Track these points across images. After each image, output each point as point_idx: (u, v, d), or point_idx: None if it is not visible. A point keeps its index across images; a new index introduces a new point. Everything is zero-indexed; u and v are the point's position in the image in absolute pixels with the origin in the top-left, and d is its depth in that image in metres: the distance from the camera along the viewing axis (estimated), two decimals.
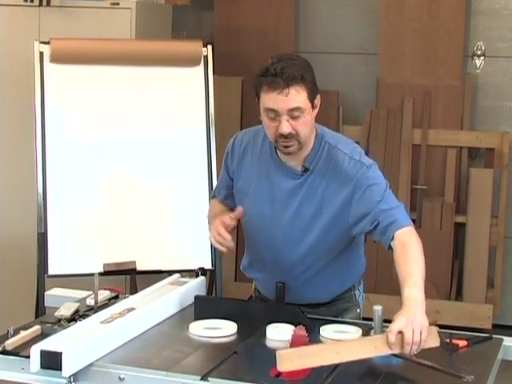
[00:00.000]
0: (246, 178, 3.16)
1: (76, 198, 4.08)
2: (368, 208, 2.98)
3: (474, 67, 6.19)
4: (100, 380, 2.65)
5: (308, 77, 2.92)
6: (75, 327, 2.85)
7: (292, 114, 2.90)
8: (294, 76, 2.87)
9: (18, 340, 2.80)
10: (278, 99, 2.89)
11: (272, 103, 2.91)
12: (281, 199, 3.08)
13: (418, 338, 2.63)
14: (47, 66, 4.09)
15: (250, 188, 3.15)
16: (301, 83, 2.89)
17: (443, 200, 6.04)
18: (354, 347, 2.63)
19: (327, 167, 3.03)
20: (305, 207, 3.05)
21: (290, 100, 2.89)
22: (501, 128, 6.09)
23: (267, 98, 2.92)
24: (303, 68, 2.93)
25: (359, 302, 3.33)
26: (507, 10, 6.07)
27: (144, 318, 2.98)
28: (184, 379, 2.56)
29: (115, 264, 4.00)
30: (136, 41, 4.40)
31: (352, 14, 6.34)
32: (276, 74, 2.87)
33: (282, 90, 2.88)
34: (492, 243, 5.97)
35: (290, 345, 2.70)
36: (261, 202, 3.13)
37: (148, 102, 4.17)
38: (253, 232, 3.22)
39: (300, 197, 3.06)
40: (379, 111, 6.16)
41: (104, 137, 4.13)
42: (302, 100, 2.90)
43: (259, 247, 3.20)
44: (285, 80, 2.87)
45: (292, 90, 2.88)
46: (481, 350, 2.89)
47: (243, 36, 6.30)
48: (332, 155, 3.04)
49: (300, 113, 2.91)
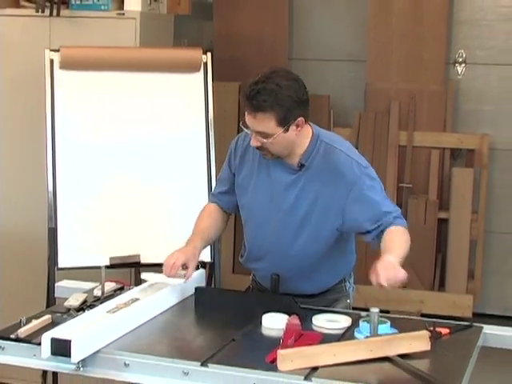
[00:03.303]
0: (247, 173, 3.17)
1: (84, 196, 4.07)
2: (367, 208, 2.99)
3: (456, 73, 6.20)
4: (106, 366, 2.65)
5: (281, 106, 2.88)
6: (83, 316, 2.85)
7: (260, 134, 2.94)
8: (262, 105, 2.87)
9: (30, 328, 2.80)
10: (249, 119, 2.95)
11: (246, 119, 2.96)
12: (278, 193, 3.08)
13: (392, 275, 2.75)
14: (57, 72, 4.09)
15: (250, 182, 3.15)
16: (268, 112, 2.88)
17: (427, 197, 6.04)
18: (351, 350, 2.61)
19: (324, 163, 3.03)
20: (301, 201, 3.05)
21: (257, 123, 2.92)
22: (481, 130, 6.09)
23: (245, 114, 2.96)
24: (282, 97, 2.87)
25: (349, 293, 3.33)
26: (486, 21, 6.08)
27: (147, 308, 2.98)
28: (185, 365, 2.56)
29: (120, 257, 4.00)
30: (140, 48, 4.39)
31: (342, 24, 6.34)
32: (249, 97, 2.89)
33: (250, 112, 2.91)
34: (473, 237, 5.98)
35: (284, 333, 2.70)
36: (260, 196, 3.13)
37: (151, 105, 4.17)
38: (251, 225, 3.22)
39: (297, 191, 3.05)
40: (367, 114, 6.16)
41: (109, 138, 4.12)
42: (269, 126, 2.91)
43: (257, 239, 3.20)
44: (254, 106, 2.89)
45: (259, 115, 2.90)
46: (462, 338, 2.89)
47: (241, 44, 6.29)
48: (329, 152, 3.04)
49: (266, 136, 2.93)
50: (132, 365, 2.62)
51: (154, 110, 4.17)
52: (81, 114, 4.11)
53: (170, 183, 4.14)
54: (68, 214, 4.04)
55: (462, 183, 5.98)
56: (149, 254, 4.02)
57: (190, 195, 4.13)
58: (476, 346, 2.84)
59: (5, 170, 4.70)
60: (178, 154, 4.17)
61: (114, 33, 4.46)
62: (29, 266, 4.62)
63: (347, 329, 2.89)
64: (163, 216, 4.12)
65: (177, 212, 4.11)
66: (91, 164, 4.10)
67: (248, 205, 3.18)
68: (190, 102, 4.20)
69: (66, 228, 4.02)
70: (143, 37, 4.46)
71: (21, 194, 4.65)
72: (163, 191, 4.14)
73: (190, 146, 4.18)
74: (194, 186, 4.14)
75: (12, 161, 4.68)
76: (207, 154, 4.17)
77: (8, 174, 4.70)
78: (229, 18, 6.38)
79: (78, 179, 4.07)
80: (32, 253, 4.57)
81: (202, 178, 4.13)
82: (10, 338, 2.75)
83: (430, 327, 2.82)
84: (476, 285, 6.00)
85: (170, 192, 4.13)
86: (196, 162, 4.18)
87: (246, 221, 3.24)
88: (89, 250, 4.01)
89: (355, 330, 2.84)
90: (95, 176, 4.10)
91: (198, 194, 4.09)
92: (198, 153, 4.17)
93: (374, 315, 2.75)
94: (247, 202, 3.18)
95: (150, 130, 4.16)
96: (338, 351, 2.60)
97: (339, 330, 2.88)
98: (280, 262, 3.13)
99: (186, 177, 4.16)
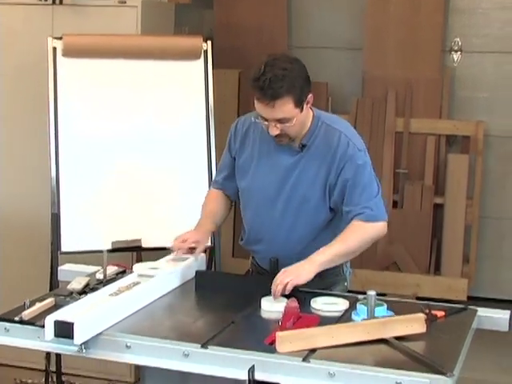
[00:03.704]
0: (248, 156, 3.16)
1: (86, 182, 4.07)
2: (350, 191, 3.01)
3: (452, 61, 6.19)
4: (108, 348, 2.65)
5: (295, 88, 2.88)
6: (86, 299, 2.85)
7: (279, 121, 2.91)
8: (280, 92, 2.84)
9: (33, 311, 2.80)
10: (266, 110, 2.90)
11: (261, 111, 2.92)
12: (280, 174, 3.08)
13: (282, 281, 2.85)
14: (60, 60, 4.08)
15: (251, 165, 3.15)
16: (286, 96, 2.86)
17: (423, 183, 6.04)
18: (348, 332, 2.61)
19: (323, 143, 3.04)
20: (302, 181, 3.06)
21: (276, 111, 2.88)
22: (476, 117, 6.09)
23: (258, 106, 2.92)
24: (292, 78, 2.87)
25: (346, 276, 3.33)
26: (481, 9, 6.07)
27: (149, 291, 2.98)
28: (185, 347, 2.56)
29: (122, 242, 4.00)
30: (141, 36, 4.38)
31: (340, 12, 6.33)
32: (263, 87, 2.84)
33: (268, 103, 2.87)
34: (467, 222, 5.98)
35: (283, 315, 2.70)
36: (261, 179, 3.13)
37: (151, 93, 4.16)
38: (251, 207, 3.21)
39: (298, 171, 3.06)
40: (365, 101, 6.16)
41: (111, 124, 4.12)
42: (288, 110, 2.89)
43: (257, 222, 3.20)
44: (271, 95, 2.85)
45: (278, 103, 2.86)
46: (457, 320, 2.89)
47: (240, 32, 6.28)
48: (328, 133, 3.05)
49: (287, 121, 2.91)
50: (133, 347, 2.62)
51: (154, 97, 4.16)
52: (83, 100, 4.11)
53: (170, 169, 4.14)
54: (71, 199, 4.04)
55: (458, 169, 5.98)
56: (150, 239, 4.02)
57: (191, 181, 4.13)
58: (470, 329, 2.85)
59: (8, 158, 4.70)
60: (179, 140, 4.17)
61: (115, 21, 4.46)
62: (33, 250, 4.62)
63: (345, 311, 2.89)
64: (164, 201, 4.12)
65: (177, 197, 4.12)
66: (93, 150, 4.10)
67: (248, 188, 3.18)
68: (191, 89, 4.20)
69: (68, 213, 4.03)
70: (144, 25, 4.46)
71: (25, 180, 4.65)
72: (164, 177, 4.14)
73: (190, 132, 4.18)
74: (194, 172, 4.15)
75: (15, 148, 4.68)
76: (207, 140, 4.17)
77: (12, 161, 4.70)
78: (229, 7, 6.37)
79: (81, 166, 4.07)
80: (36, 237, 4.58)
81: (202, 164, 4.13)
82: (14, 321, 2.75)
83: (426, 310, 2.82)
84: (471, 269, 6.01)
85: (170, 178, 4.13)
86: (196, 148, 4.17)
87: (246, 204, 3.24)
88: (91, 234, 4.01)
89: (352, 312, 2.84)
90: (97, 162, 4.10)
91: (198, 180, 4.10)
92: (198, 139, 4.17)
93: (371, 298, 2.76)
94: (247, 185, 3.18)
95: (150, 117, 4.15)
96: (336, 333, 2.60)
97: (337, 313, 2.88)
98: (279, 244, 3.13)
99: (187, 163, 4.16)
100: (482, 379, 4.81)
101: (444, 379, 2.38)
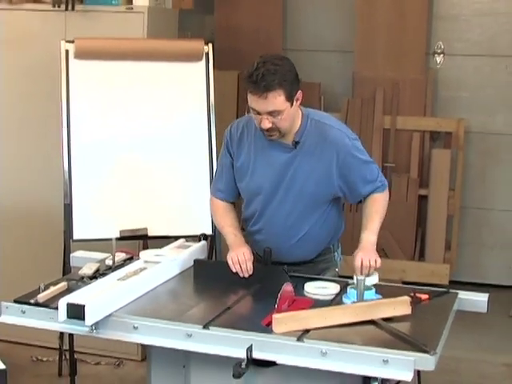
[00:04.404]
0: (245, 158, 3.14)
1: (96, 176, 4.07)
2: (360, 168, 3.08)
3: (435, 63, 6.18)
4: (117, 328, 2.66)
5: (286, 81, 2.87)
6: (96, 284, 2.86)
7: (271, 114, 2.90)
8: (272, 84, 2.84)
9: (47, 294, 2.81)
10: (258, 102, 2.88)
11: (254, 104, 2.90)
12: (276, 171, 3.07)
13: (372, 263, 2.92)
14: (72, 62, 4.06)
15: (249, 166, 3.13)
16: (278, 89, 2.85)
17: (409, 176, 6.04)
18: (339, 314, 2.61)
19: (317, 139, 3.03)
20: (298, 176, 3.05)
21: (268, 103, 2.87)
22: (457, 115, 6.08)
23: (251, 99, 2.90)
24: (283, 73, 2.87)
25: (337, 262, 3.33)
26: (463, 16, 6.07)
27: (154, 277, 2.98)
28: (188, 328, 2.57)
29: (130, 230, 3.99)
30: (147, 40, 4.37)
31: (332, 17, 6.31)
32: (257, 80, 2.83)
33: (261, 95, 2.85)
34: (450, 212, 5.98)
35: (278, 299, 2.70)
36: (259, 177, 3.11)
37: (157, 91, 4.15)
38: (251, 204, 3.21)
39: (293, 167, 3.05)
40: (355, 100, 6.15)
41: (119, 121, 4.11)
42: (279, 103, 2.88)
43: (257, 215, 3.19)
44: (264, 87, 2.83)
45: (270, 95, 2.85)
46: (440, 303, 2.90)
47: (239, 36, 6.27)
48: (320, 128, 3.05)
49: (278, 113, 2.90)
50: (140, 327, 2.62)
51: (160, 95, 4.15)
52: (93, 99, 4.09)
53: (174, 162, 4.13)
54: (82, 191, 4.03)
55: (441, 163, 5.97)
56: (155, 228, 4.02)
57: (193, 174, 4.13)
58: (452, 310, 2.85)
59: (25, 154, 4.70)
60: (182, 135, 4.16)
61: (123, 26, 4.45)
62: (47, 238, 4.62)
63: (336, 295, 2.90)
64: (168, 193, 4.11)
65: (181, 188, 4.11)
66: (103, 146, 4.09)
67: (247, 187, 3.17)
68: (193, 89, 4.19)
69: (80, 204, 4.02)
70: (150, 29, 4.45)
71: (41, 173, 4.66)
72: (168, 170, 4.13)
73: (193, 127, 4.17)
74: (196, 165, 4.14)
75: (31, 144, 4.68)
76: (209, 135, 4.16)
77: (28, 156, 4.70)
78: (228, 12, 6.35)
79: (91, 160, 4.06)
80: (50, 226, 4.57)
81: (203, 158, 4.12)
82: (29, 303, 2.76)
83: (411, 293, 2.83)
84: (452, 255, 6.01)
85: (174, 170, 4.13)
86: (198, 142, 4.16)
87: (247, 200, 3.23)
88: (101, 223, 4.01)
89: (343, 296, 2.84)
90: (107, 157, 4.09)
91: (200, 173, 4.10)
92: (200, 134, 4.16)
93: (360, 282, 2.76)
94: (247, 184, 3.16)
95: (156, 114, 4.14)
96: (328, 315, 2.60)
97: (329, 296, 2.89)
98: (276, 234, 3.13)
99: (190, 157, 4.15)
100: (462, 357, 4.82)
101: (427, 357, 2.39)
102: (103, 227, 3.97)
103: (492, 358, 4.92)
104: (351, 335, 2.53)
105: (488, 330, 5.28)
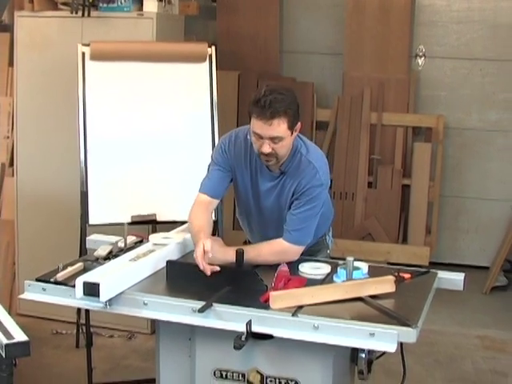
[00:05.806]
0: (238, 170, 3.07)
1: (110, 165, 4.05)
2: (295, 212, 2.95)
3: (417, 65, 6.17)
4: (129, 304, 2.65)
5: (291, 111, 2.80)
6: (109, 264, 2.85)
7: (273, 140, 2.82)
8: (278, 111, 2.76)
9: (66, 273, 2.81)
10: (263, 127, 2.80)
11: (258, 129, 2.81)
12: (261, 195, 3.05)
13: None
14: (87, 63, 4.04)
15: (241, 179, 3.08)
16: (283, 117, 2.77)
17: (393, 167, 6.03)
18: (330, 291, 2.61)
19: (296, 171, 2.96)
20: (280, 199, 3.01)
21: (272, 129, 2.79)
22: (437, 112, 6.09)
23: (255, 124, 2.82)
24: (289, 103, 2.80)
25: (329, 244, 3.33)
26: (441, 23, 6.08)
27: (162, 258, 2.97)
28: (194, 304, 2.56)
29: (140, 216, 3.98)
30: (156, 43, 4.36)
31: (324, 23, 6.29)
32: (264, 106, 2.76)
33: (267, 121, 2.77)
34: (430, 200, 5.99)
35: (275, 278, 2.70)
36: (246, 193, 3.10)
37: (165, 90, 4.13)
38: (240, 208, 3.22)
39: (275, 193, 3.01)
40: (344, 98, 6.14)
41: (131, 117, 4.09)
42: (282, 130, 2.80)
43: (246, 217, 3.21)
44: (270, 113, 2.76)
45: (275, 121, 2.77)
46: (421, 281, 2.90)
47: (239, 39, 6.24)
48: (301, 163, 2.96)
49: (279, 140, 2.82)
50: (150, 304, 2.62)
51: (167, 93, 4.13)
52: (107, 96, 4.07)
53: (181, 154, 4.12)
54: (97, 180, 4.01)
55: (422, 155, 5.97)
56: (163, 213, 4.01)
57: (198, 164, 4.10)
58: (432, 288, 2.85)
59: (46, 146, 4.71)
60: (188, 130, 4.15)
61: (134, 30, 4.44)
62: (65, 222, 4.62)
63: (327, 274, 2.89)
64: (176, 181, 4.10)
65: (187, 178, 4.09)
66: (116, 138, 4.07)
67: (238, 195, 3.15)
68: (198, 87, 4.17)
69: (95, 191, 4.00)
70: (159, 33, 4.44)
71: (60, 163, 4.67)
72: (176, 161, 4.12)
73: (198, 123, 4.15)
74: (200, 155, 4.11)
75: (51, 137, 4.69)
76: (212, 129, 4.15)
77: (48, 148, 4.71)
78: (229, 18, 6.33)
79: (105, 151, 4.05)
80: (68, 212, 4.57)
81: (207, 149, 4.10)
82: (49, 281, 2.75)
83: (395, 273, 2.82)
84: (432, 239, 6.01)
85: (181, 161, 4.11)
86: (203, 137, 4.15)
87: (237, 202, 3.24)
88: (114, 209, 3.99)
89: (334, 275, 2.84)
90: (119, 148, 4.07)
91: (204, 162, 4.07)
92: (204, 129, 4.15)
93: (350, 263, 2.76)
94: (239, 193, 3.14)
95: (164, 110, 4.13)
96: (320, 293, 2.60)
97: (321, 276, 2.88)
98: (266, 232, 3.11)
99: (194, 149, 4.13)
100: (440, 330, 4.85)
101: (409, 330, 2.39)
102: (116, 213, 3.96)
103: (466, 331, 4.94)
104: (341, 311, 2.53)
105: (463, 306, 5.29)
